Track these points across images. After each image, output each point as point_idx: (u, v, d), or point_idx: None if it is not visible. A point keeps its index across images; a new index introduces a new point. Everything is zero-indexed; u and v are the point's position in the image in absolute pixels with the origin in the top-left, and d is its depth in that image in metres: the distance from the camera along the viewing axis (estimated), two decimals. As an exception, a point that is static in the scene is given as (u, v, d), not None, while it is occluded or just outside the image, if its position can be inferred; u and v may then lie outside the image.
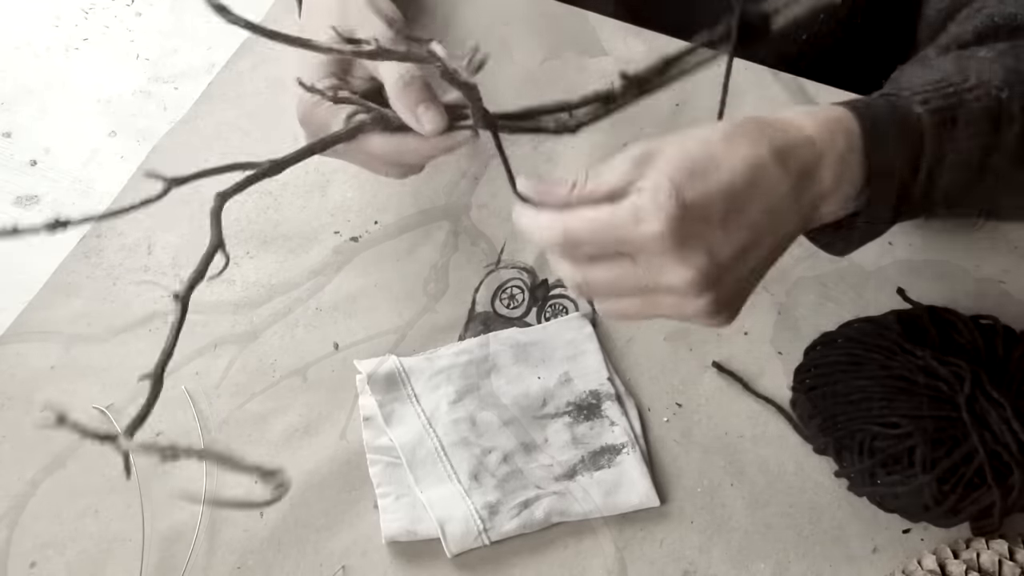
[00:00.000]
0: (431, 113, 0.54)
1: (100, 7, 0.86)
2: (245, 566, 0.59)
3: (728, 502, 0.61)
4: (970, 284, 0.69)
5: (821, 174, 0.48)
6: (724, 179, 0.45)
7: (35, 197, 0.74)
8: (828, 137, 0.48)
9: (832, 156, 0.48)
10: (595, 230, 0.45)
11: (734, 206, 0.45)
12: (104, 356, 0.66)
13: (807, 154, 0.48)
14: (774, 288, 0.69)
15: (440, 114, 0.54)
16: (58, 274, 0.69)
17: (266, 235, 0.72)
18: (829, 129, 0.49)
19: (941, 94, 0.51)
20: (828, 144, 0.48)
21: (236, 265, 0.70)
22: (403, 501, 0.60)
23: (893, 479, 0.56)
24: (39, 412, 0.63)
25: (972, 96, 0.51)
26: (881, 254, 0.70)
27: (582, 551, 0.59)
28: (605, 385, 0.64)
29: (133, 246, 0.71)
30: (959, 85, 0.51)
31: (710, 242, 0.45)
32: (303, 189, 0.74)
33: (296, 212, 0.73)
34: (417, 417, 0.63)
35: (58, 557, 0.59)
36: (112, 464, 0.62)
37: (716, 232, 0.45)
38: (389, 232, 0.72)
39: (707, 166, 0.45)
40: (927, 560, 0.56)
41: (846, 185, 0.49)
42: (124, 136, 0.78)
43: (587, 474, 0.61)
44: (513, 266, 0.70)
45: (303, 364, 0.66)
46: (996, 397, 0.56)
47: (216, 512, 0.60)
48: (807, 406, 0.62)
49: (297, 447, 0.63)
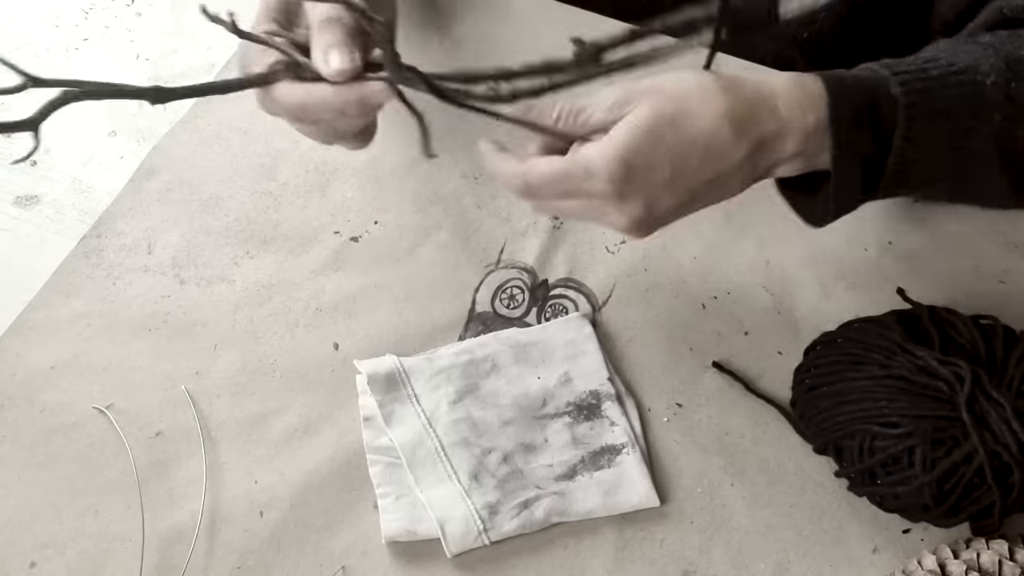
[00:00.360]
0: (338, 54, 0.51)
1: (100, 7, 0.86)
2: (245, 566, 0.59)
3: (728, 502, 0.61)
4: (970, 284, 0.69)
5: (782, 145, 0.52)
6: (678, 146, 0.50)
7: (35, 197, 0.74)
8: (798, 113, 0.51)
9: (797, 130, 0.52)
10: (550, 183, 0.53)
11: (681, 173, 0.51)
12: (104, 356, 0.66)
13: (770, 126, 0.51)
14: (774, 288, 0.69)
15: (349, 58, 0.51)
16: (58, 274, 0.69)
17: (266, 235, 0.72)
18: (800, 104, 0.51)
19: (923, 76, 0.52)
20: (796, 118, 0.51)
21: (236, 265, 0.70)
22: (403, 501, 0.60)
23: (893, 479, 0.56)
24: (39, 412, 0.64)
25: (955, 80, 0.52)
26: (881, 254, 0.70)
27: (582, 551, 0.59)
28: (605, 385, 0.64)
29: (133, 246, 0.71)
30: (945, 68, 0.53)
31: (650, 198, 0.51)
32: (303, 189, 0.74)
33: (296, 212, 0.73)
34: (417, 417, 0.63)
35: (58, 557, 0.59)
36: (112, 464, 0.62)
37: (657, 191, 0.51)
38: (389, 232, 0.72)
39: (665, 131, 0.50)
40: (927, 560, 0.56)
41: (809, 157, 0.53)
42: (124, 136, 0.78)
43: (587, 474, 0.61)
44: (513, 266, 0.70)
45: (303, 364, 0.66)
46: (996, 397, 0.56)
47: (216, 512, 0.60)
48: (807, 406, 0.62)
49: (297, 447, 0.63)
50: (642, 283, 0.70)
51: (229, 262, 0.71)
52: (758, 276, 0.70)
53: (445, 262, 0.71)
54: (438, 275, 0.70)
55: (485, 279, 0.70)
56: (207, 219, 0.72)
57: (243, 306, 0.68)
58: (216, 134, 0.76)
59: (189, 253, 0.71)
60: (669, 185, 0.51)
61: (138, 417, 0.63)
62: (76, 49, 0.84)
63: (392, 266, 0.70)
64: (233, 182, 0.74)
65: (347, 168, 0.75)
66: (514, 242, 0.71)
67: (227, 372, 0.65)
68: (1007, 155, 0.53)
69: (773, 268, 0.70)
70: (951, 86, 0.52)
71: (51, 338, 0.66)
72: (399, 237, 0.72)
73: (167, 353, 0.66)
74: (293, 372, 0.66)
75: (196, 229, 0.72)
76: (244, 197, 0.74)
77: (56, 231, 0.72)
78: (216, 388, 0.65)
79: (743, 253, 0.71)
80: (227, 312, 0.68)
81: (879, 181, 0.54)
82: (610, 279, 0.70)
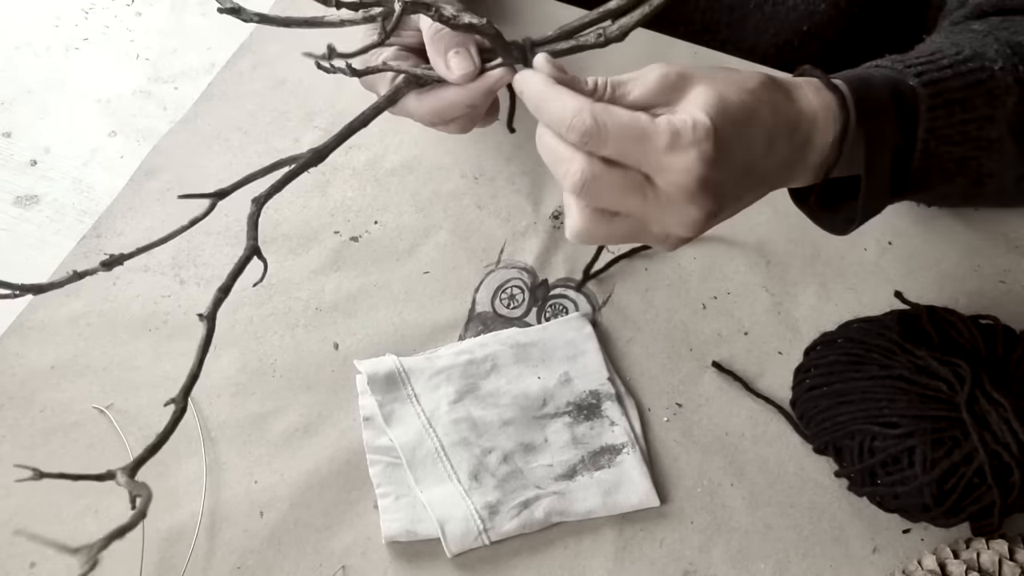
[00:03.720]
0: (458, 58, 0.52)
1: (100, 7, 0.86)
2: (245, 566, 0.59)
3: (728, 502, 0.61)
4: (970, 284, 0.69)
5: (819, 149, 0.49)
6: (753, 138, 0.46)
7: (35, 197, 0.74)
8: (830, 116, 0.49)
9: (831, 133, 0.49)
10: (626, 135, 0.43)
11: (751, 166, 0.46)
12: (104, 356, 0.66)
13: (809, 130, 0.49)
14: (774, 288, 0.69)
15: (467, 59, 0.52)
16: (58, 274, 0.69)
17: (266, 235, 0.72)
18: (827, 107, 0.49)
19: (936, 67, 0.51)
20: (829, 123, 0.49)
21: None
22: (403, 501, 0.60)
23: (893, 479, 0.56)
24: (39, 412, 0.64)
25: (966, 68, 0.52)
26: (881, 254, 0.70)
27: (582, 551, 0.59)
28: (605, 385, 0.64)
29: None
30: (953, 57, 0.52)
31: (723, 191, 0.45)
32: (303, 189, 0.74)
33: (296, 212, 0.73)
34: (417, 417, 0.63)
35: (58, 557, 0.59)
36: (112, 464, 0.61)
37: (729, 184, 0.45)
38: (389, 232, 0.72)
39: (740, 120, 0.45)
40: (927, 560, 0.56)
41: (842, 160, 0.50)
42: (124, 136, 0.78)
43: (587, 474, 0.61)
44: (513, 266, 0.70)
45: (303, 364, 0.66)
46: (996, 397, 0.56)
47: (216, 512, 0.60)
48: (807, 406, 0.62)
49: (297, 447, 0.63)
50: (642, 283, 0.70)
51: (229, 262, 0.70)
52: (758, 276, 0.70)
53: (445, 262, 0.71)
54: (438, 275, 0.70)
55: (485, 279, 0.70)
56: (207, 219, 0.72)
57: (243, 306, 0.68)
58: (216, 134, 0.76)
59: (189, 253, 0.71)
60: (741, 178, 0.46)
61: (138, 417, 0.63)
62: (76, 49, 0.84)
63: (392, 266, 0.70)
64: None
65: (347, 168, 0.75)
66: (514, 242, 0.71)
67: (227, 372, 0.65)
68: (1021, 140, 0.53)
69: (773, 268, 0.70)
70: (964, 74, 0.51)
71: (51, 338, 0.66)
72: (399, 237, 0.72)
73: (167, 353, 0.66)
74: (293, 372, 0.66)
75: (196, 229, 0.71)
76: (244, 197, 0.73)
77: (56, 231, 0.72)
78: (216, 388, 0.65)
79: (743, 253, 0.71)
80: (227, 312, 0.68)
81: (906, 180, 0.53)
82: (610, 279, 0.70)
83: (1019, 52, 0.53)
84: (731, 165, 0.45)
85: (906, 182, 0.53)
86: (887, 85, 0.51)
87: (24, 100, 0.81)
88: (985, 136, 0.52)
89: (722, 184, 0.45)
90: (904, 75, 0.51)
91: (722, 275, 0.70)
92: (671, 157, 0.43)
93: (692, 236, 0.47)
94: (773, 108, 0.47)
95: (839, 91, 0.49)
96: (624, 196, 0.45)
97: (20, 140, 0.78)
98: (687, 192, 0.44)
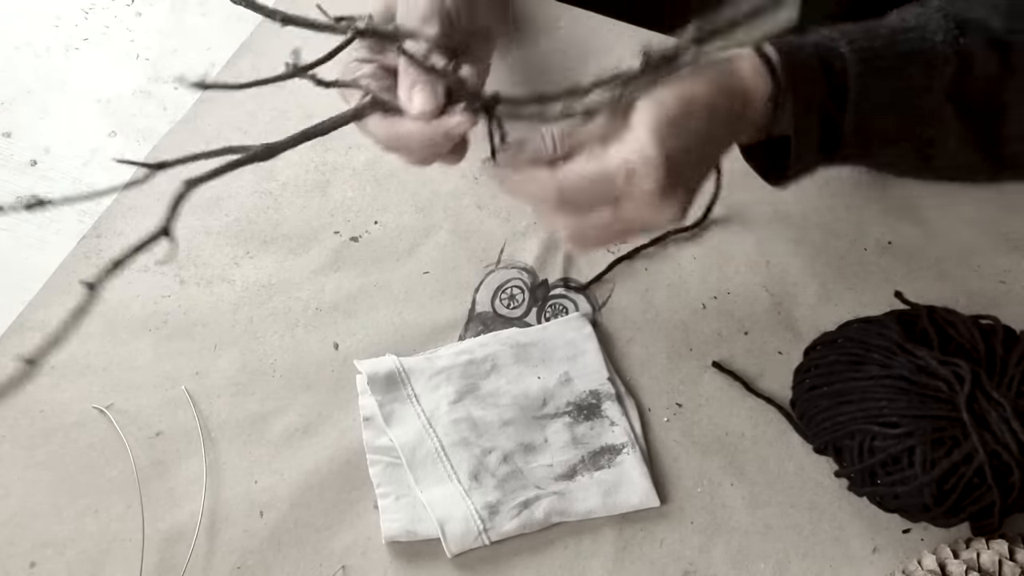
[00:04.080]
0: (421, 95, 0.52)
1: (100, 7, 0.86)
2: (245, 566, 0.59)
3: (728, 502, 0.61)
4: (970, 284, 0.69)
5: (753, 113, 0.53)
6: (697, 126, 0.50)
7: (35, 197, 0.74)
8: (761, 81, 0.53)
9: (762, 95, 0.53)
10: (588, 187, 0.49)
11: (701, 148, 0.51)
12: (104, 356, 0.66)
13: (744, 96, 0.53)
14: (774, 288, 0.69)
15: (430, 96, 0.52)
16: (58, 274, 0.69)
17: (266, 235, 0.72)
18: (757, 71, 0.53)
19: (870, 36, 0.54)
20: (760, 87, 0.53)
21: (236, 265, 0.70)
22: (403, 501, 0.60)
23: (893, 479, 0.56)
24: (39, 412, 0.64)
25: (903, 38, 0.54)
26: (881, 254, 0.70)
27: (582, 551, 0.59)
28: (605, 385, 0.64)
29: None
30: (892, 27, 0.54)
31: (687, 180, 0.51)
32: (303, 189, 0.74)
33: (296, 212, 0.73)
34: (417, 417, 0.63)
35: (58, 557, 0.59)
36: (112, 464, 0.62)
37: (690, 171, 0.51)
38: (389, 232, 0.72)
39: (680, 116, 0.49)
40: (927, 560, 0.56)
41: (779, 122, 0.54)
42: (124, 136, 0.78)
43: (587, 474, 0.61)
44: (513, 266, 0.70)
45: (303, 364, 0.66)
46: (996, 397, 0.56)
47: (216, 512, 0.60)
48: (807, 406, 0.62)
49: (297, 447, 0.63)
50: (642, 283, 0.70)
51: (229, 262, 0.71)
52: (758, 276, 0.70)
53: (445, 262, 0.71)
54: (438, 275, 0.70)
55: (485, 279, 0.70)
56: (207, 219, 0.72)
57: (243, 306, 0.68)
58: (216, 134, 0.76)
59: (189, 253, 0.71)
60: (698, 162, 0.51)
61: (138, 417, 0.63)
62: (76, 49, 0.84)
63: (392, 266, 0.70)
64: (233, 182, 0.74)
65: (347, 168, 0.75)
66: (514, 242, 0.71)
67: (227, 372, 0.65)
68: (963, 111, 0.54)
69: (773, 268, 0.70)
70: (900, 43, 0.53)
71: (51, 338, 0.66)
72: (399, 237, 0.72)
73: (167, 353, 0.66)
74: (293, 372, 0.66)
75: (196, 229, 0.72)
76: (244, 197, 0.74)
77: (56, 231, 0.72)
78: (216, 388, 0.65)
79: (743, 253, 0.71)
80: (227, 312, 0.68)
81: (838, 144, 0.55)
82: (610, 279, 0.70)
83: (962, 25, 0.54)
84: (687, 157, 0.49)
85: (838, 146, 0.55)
86: (817, 51, 0.54)
87: (24, 100, 0.81)
88: (923, 105, 0.54)
89: (682, 177, 0.50)
90: (837, 43, 0.54)
91: (722, 275, 0.70)
92: (632, 187, 0.49)
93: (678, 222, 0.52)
94: (707, 81, 0.51)
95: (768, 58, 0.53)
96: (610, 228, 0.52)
97: (20, 140, 0.78)
98: (653, 203, 0.49)
